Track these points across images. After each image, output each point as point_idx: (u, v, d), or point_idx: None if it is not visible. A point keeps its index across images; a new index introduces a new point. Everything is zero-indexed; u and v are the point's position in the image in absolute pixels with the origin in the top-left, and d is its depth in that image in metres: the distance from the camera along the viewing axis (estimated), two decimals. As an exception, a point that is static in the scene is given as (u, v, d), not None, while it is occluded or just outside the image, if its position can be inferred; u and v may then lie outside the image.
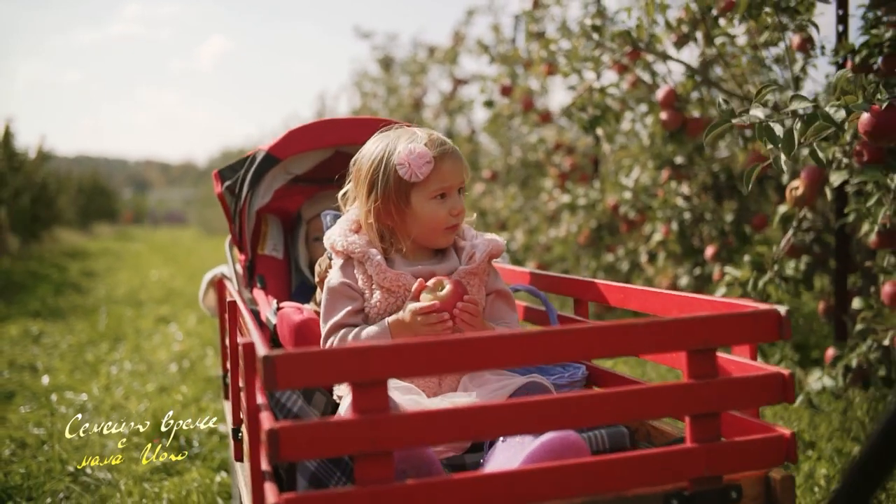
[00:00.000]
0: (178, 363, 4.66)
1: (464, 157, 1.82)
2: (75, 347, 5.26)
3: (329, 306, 1.71)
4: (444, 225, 1.75)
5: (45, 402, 3.83)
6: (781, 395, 1.29)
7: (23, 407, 3.72)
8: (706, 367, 1.26)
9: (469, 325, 1.65)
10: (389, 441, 1.15)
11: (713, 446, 1.25)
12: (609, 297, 1.85)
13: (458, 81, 7.60)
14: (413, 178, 1.71)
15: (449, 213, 1.75)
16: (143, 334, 5.75)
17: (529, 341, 1.19)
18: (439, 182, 1.73)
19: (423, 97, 8.22)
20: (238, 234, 2.31)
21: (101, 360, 4.88)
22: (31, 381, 4.25)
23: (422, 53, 8.53)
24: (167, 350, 5.08)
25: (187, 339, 5.43)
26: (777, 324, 1.27)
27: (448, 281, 1.68)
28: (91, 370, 4.58)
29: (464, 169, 1.79)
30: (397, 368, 1.16)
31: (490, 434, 1.22)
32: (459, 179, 1.77)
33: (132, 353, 5.06)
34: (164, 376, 4.36)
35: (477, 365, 1.18)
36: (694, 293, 1.83)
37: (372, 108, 9.83)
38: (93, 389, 4.06)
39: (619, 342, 1.23)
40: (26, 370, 4.53)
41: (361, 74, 10.26)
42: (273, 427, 1.12)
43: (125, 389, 4.07)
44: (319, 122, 2.28)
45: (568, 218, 5.08)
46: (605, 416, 1.23)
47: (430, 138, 1.76)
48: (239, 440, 1.87)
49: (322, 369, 1.14)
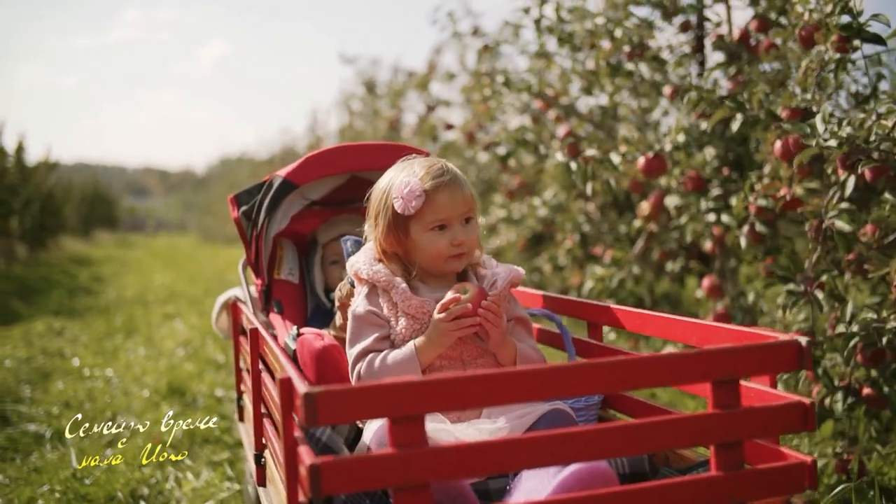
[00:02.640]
0: (184, 348, 5.45)
1: (467, 187, 1.81)
2: (95, 339, 6.04)
3: (356, 333, 1.75)
4: (446, 254, 1.78)
5: (79, 377, 4.66)
6: (802, 423, 1.33)
7: (59, 382, 4.52)
8: (730, 397, 1.29)
9: (492, 325, 1.71)
10: (427, 474, 1.17)
11: (738, 474, 1.29)
12: (625, 322, 1.89)
13: (430, 107, 8.05)
14: (406, 212, 1.75)
15: (450, 243, 1.77)
16: (153, 328, 6.55)
17: (562, 374, 1.23)
18: (434, 214, 1.76)
19: (399, 119, 8.67)
20: (255, 259, 2.34)
21: (119, 347, 5.70)
22: (62, 364, 5.06)
23: (401, 78, 9.08)
24: (174, 339, 5.84)
25: (190, 331, 6.20)
26: (798, 354, 1.31)
27: (471, 285, 1.75)
28: (111, 355, 5.37)
29: (464, 200, 1.79)
30: (433, 403, 1.19)
31: (523, 466, 1.25)
32: (458, 211, 1.78)
33: (144, 342, 5.86)
34: (172, 358, 5.13)
35: (511, 398, 1.22)
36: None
37: (357, 126, 10.50)
38: (116, 368, 4.87)
39: (647, 375, 1.27)
40: (56, 356, 5.33)
41: (348, 95, 10.95)
42: (315, 462, 1.15)
43: (142, 367, 4.86)
44: (335, 149, 2.31)
45: (506, 229, 5.73)
46: (636, 447, 1.26)
47: (427, 171, 1.78)
48: (262, 465, 1.90)
49: (361, 406, 1.17)
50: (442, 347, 1.72)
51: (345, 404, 1.16)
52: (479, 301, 1.72)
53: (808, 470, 1.33)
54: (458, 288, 1.75)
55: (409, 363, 1.70)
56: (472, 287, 1.74)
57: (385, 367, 1.71)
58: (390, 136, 8.41)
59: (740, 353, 1.29)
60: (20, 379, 4.61)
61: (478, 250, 1.88)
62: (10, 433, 3.54)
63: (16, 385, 4.45)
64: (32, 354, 5.35)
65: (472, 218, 1.82)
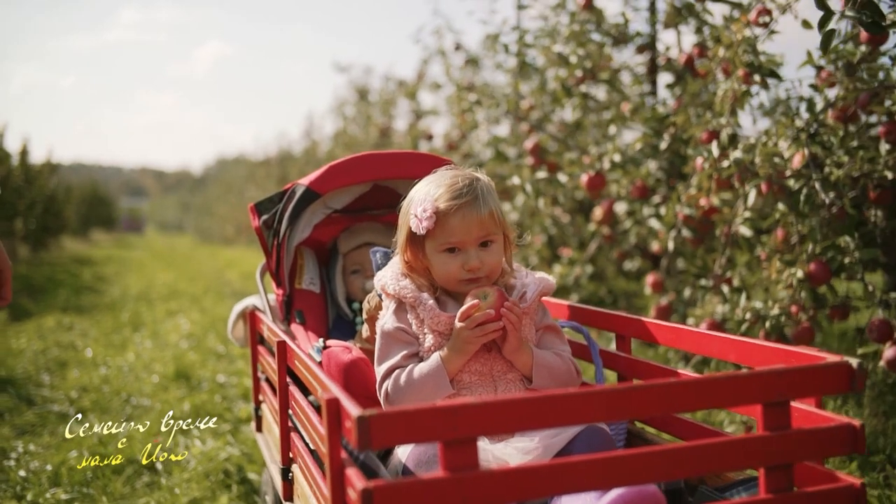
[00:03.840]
0: (188, 340, 5.87)
1: (488, 208, 1.72)
2: (104, 333, 6.46)
3: (384, 350, 1.73)
4: (458, 278, 1.73)
5: (93, 366, 5.04)
6: (852, 446, 1.31)
7: (75, 370, 4.91)
8: (781, 419, 1.28)
9: (513, 326, 1.68)
10: (479, 499, 1.15)
11: (788, 496, 1.27)
12: (657, 335, 1.87)
13: (417, 116, 8.20)
14: (418, 231, 1.72)
15: (461, 267, 1.72)
16: (158, 322, 6.98)
17: (614, 397, 1.21)
18: (445, 237, 1.72)
19: (390, 126, 8.88)
20: (276, 269, 2.31)
21: (127, 340, 6.10)
22: (76, 355, 5.45)
23: (392, 86, 9.31)
24: (178, 333, 6.26)
25: (193, 325, 6.66)
26: (850, 376, 1.30)
27: (490, 289, 1.71)
28: (121, 347, 5.78)
29: (480, 223, 1.70)
30: (486, 426, 1.17)
31: (577, 488, 1.23)
32: (472, 235, 1.71)
33: (151, 335, 6.28)
34: (177, 348, 5.55)
35: (568, 420, 1.20)
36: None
37: (351, 131, 10.90)
38: (126, 358, 5.27)
39: (699, 397, 1.25)
40: (69, 348, 5.71)
41: (341, 101, 11.33)
42: (368, 487, 1.12)
43: (150, 357, 5.27)
44: (359, 158, 2.28)
45: None
46: (685, 471, 1.25)
47: (448, 189, 1.72)
48: (289, 481, 1.87)
49: (414, 428, 1.15)
50: (467, 356, 1.69)
51: (398, 427, 1.14)
52: (500, 305, 1.69)
53: (858, 494, 1.31)
54: (476, 293, 1.71)
55: (437, 375, 1.67)
56: (491, 291, 1.71)
57: (411, 381, 1.68)
58: (381, 142, 8.62)
59: (792, 374, 1.28)
60: (39, 367, 5.01)
61: (506, 266, 1.84)
62: (36, 412, 3.95)
63: (36, 373, 4.87)
64: (47, 346, 5.70)
65: (492, 241, 1.74)
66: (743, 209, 3.06)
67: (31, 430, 3.69)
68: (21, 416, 3.89)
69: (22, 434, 3.62)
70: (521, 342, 1.73)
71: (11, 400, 4.18)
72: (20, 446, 3.35)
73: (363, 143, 9.63)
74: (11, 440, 3.48)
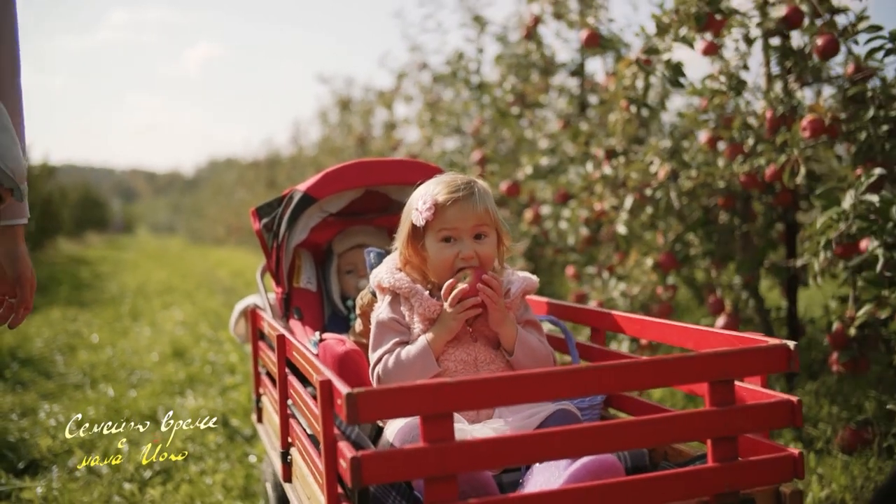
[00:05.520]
0: (182, 327, 6.79)
1: (483, 205, 1.88)
2: (106, 323, 7.27)
3: (378, 338, 1.88)
4: (453, 266, 1.88)
5: (100, 348, 5.91)
6: (790, 419, 1.47)
7: (84, 352, 5.73)
8: (726, 395, 1.44)
9: (491, 300, 1.82)
10: (456, 466, 1.31)
11: (732, 465, 1.43)
12: (625, 327, 2.03)
13: (391, 125, 8.59)
14: (417, 223, 1.88)
15: (456, 255, 1.87)
16: (155, 313, 7.81)
17: (573, 376, 1.37)
18: (441, 225, 1.87)
19: (368, 135, 9.33)
20: (275, 269, 2.47)
21: (128, 328, 6.97)
22: (83, 341, 6.24)
23: (371, 96, 9.79)
24: (173, 321, 7.14)
25: (186, 315, 7.53)
26: (787, 357, 1.46)
27: (470, 270, 1.85)
28: (122, 333, 6.63)
29: (475, 215, 1.86)
30: (464, 402, 1.33)
31: (542, 458, 1.39)
32: (468, 225, 1.86)
33: (149, 324, 7.13)
34: (173, 334, 6.42)
35: (527, 398, 1.36)
36: (706, 327, 2.00)
37: (332, 138, 11.55)
38: (128, 341, 6.17)
39: (650, 376, 1.41)
40: (76, 335, 6.52)
41: (324, 110, 11.99)
42: (356, 455, 1.28)
43: (149, 340, 6.22)
44: (352, 165, 2.45)
45: None
46: (640, 441, 1.41)
47: (447, 185, 1.89)
48: (288, 463, 2.03)
49: (397, 404, 1.30)
50: (451, 333, 1.83)
51: (382, 403, 1.30)
52: (476, 282, 1.82)
53: (796, 461, 1.47)
54: (458, 277, 1.85)
55: (423, 354, 1.81)
56: (471, 272, 1.84)
57: (400, 362, 1.82)
58: (359, 150, 9.11)
59: (734, 356, 1.44)
60: (52, 350, 5.82)
61: (497, 264, 1.99)
62: (55, 383, 4.76)
63: (49, 354, 5.66)
64: (56, 334, 6.51)
65: (485, 235, 1.89)
66: (622, 212, 3.85)
67: (52, 395, 4.49)
68: (42, 385, 4.67)
69: (45, 397, 4.43)
70: (503, 315, 1.85)
71: (32, 374, 4.97)
72: (46, 405, 4.19)
73: (344, 150, 10.05)
74: (38, 401, 4.31)
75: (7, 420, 3.91)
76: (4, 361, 5.24)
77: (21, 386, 4.69)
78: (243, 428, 3.75)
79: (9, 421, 3.89)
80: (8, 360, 5.31)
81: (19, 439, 3.58)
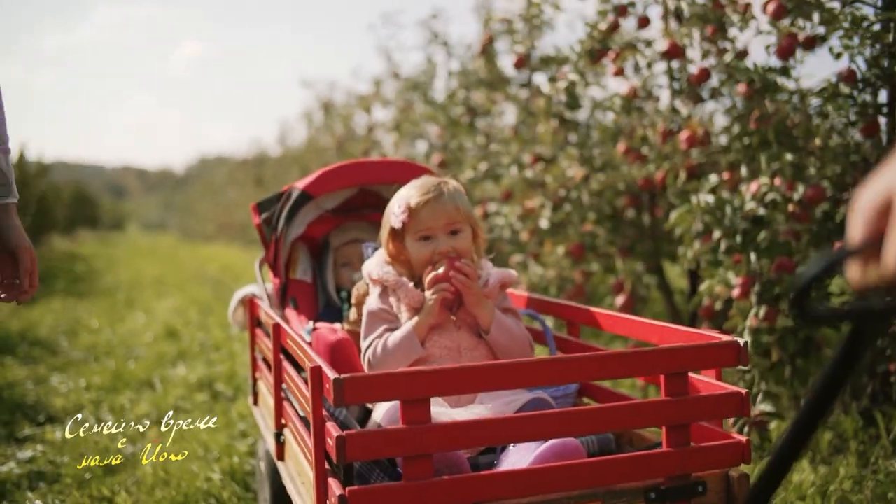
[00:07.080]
0: (174, 314, 7.43)
1: (454, 203, 2.02)
2: (104, 311, 7.88)
3: (369, 327, 2.03)
4: (432, 262, 2.02)
5: (100, 331, 6.56)
6: (740, 409, 1.61)
7: (85, 335, 6.36)
8: (680, 387, 1.58)
9: (464, 285, 1.96)
10: (431, 446, 1.45)
11: (684, 451, 1.57)
12: (601, 322, 2.17)
13: (369, 129, 8.84)
14: (396, 225, 2.04)
15: (434, 252, 2.02)
16: (149, 302, 8.49)
17: (543, 366, 1.51)
18: (417, 226, 2.03)
19: (347, 138, 9.60)
20: (273, 261, 2.61)
21: (124, 315, 7.60)
22: (84, 326, 6.89)
23: (353, 100, 9.93)
24: (165, 309, 7.79)
25: (178, 304, 8.20)
26: (737, 352, 1.60)
27: (446, 259, 2.00)
28: (119, 320, 7.28)
29: (446, 213, 2.00)
30: (439, 388, 1.47)
31: (510, 440, 1.53)
32: (440, 223, 2.01)
33: (143, 311, 7.79)
34: (165, 319, 7.00)
35: (501, 385, 1.50)
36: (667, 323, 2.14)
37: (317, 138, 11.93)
38: (125, 325, 6.89)
39: (613, 368, 1.56)
40: (77, 322, 7.12)
41: (307, 112, 12.31)
42: (341, 434, 1.42)
43: (144, 324, 6.91)
44: (347, 165, 2.59)
45: None
46: (599, 427, 1.55)
47: (419, 189, 2.05)
48: (281, 443, 2.17)
49: (379, 389, 1.45)
50: (431, 317, 1.96)
51: (365, 388, 1.44)
52: (450, 269, 1.97)
53: (743, 448, 1.61)
54: (435, 266, 2.00)
55: (409, 337, 1.95)
56: (446, 261, 1.99)
57: (387, 347, 1.97)
58: (339, 152, 9.40)
59: (689, 350, 1.58)
60: (56, 333, 6.48)
61: (475, 256, 2.13)
62: (62, 359, 5.40)
63: (54, 336, 6.32)
64: (59, 320, 7.16)
65: (459, 230, 2.04)
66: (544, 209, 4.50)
67: (61, 368, 5.14)
68: (51, 361, 5.33)
69: (55, 370, 5.07)
70: (478, 298, 1.99)
71: (41, 352, 5.64)
72: (56, 375, 4.86)
73: (327, 150, 10.32)
74: (49, 373, 4.96)
75: (24, 388, 4.57)
76: (15, 342, 5.93)
77: (32, 360, 5.35)
78: (227, 391, 4.40)
79: (26, 388, 4.56)
80: (18, 340, 6.01)
81: (37, 401, 4.25)
